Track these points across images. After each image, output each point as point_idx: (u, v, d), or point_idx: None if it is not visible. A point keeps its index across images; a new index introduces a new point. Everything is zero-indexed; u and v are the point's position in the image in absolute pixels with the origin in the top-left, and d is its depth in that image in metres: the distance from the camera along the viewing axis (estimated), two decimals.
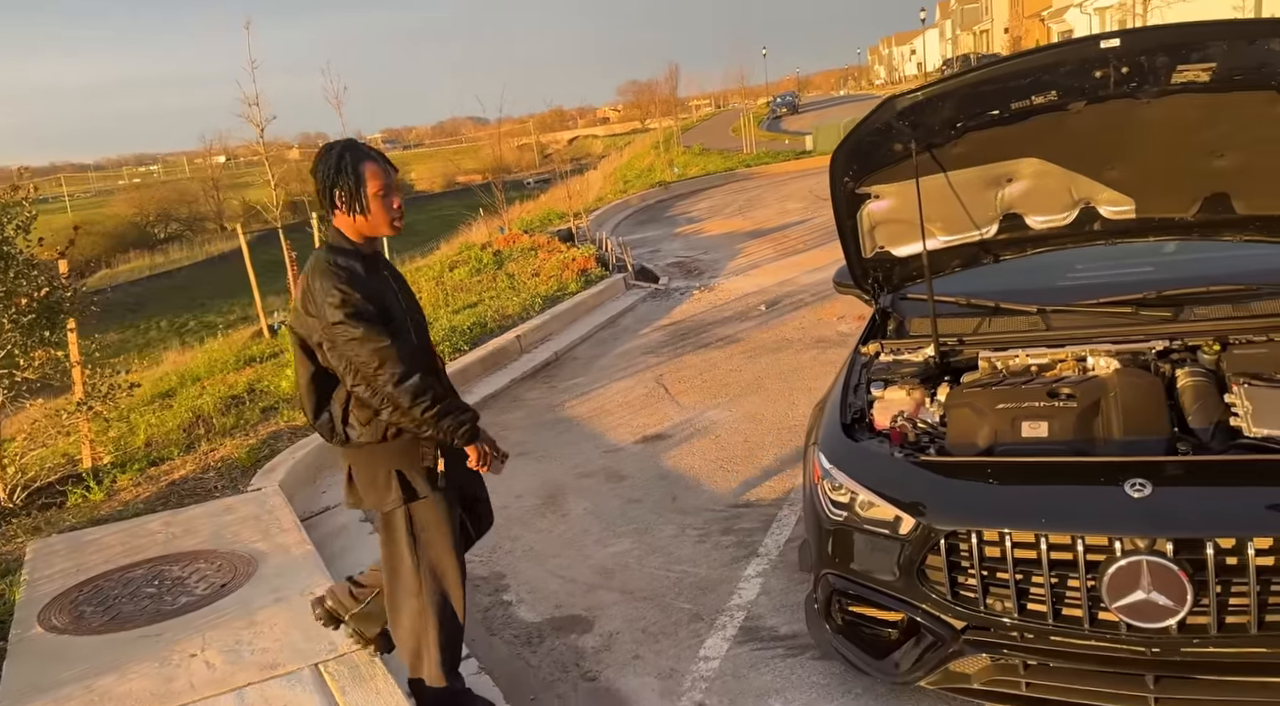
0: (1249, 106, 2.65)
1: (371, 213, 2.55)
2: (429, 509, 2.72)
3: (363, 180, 2.52)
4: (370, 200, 2.54)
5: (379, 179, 2.54)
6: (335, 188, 2.53)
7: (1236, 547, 2.20)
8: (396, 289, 2.71)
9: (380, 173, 2.55)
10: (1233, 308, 3.00)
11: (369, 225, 2.58)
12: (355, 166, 2.51)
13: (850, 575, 2.79)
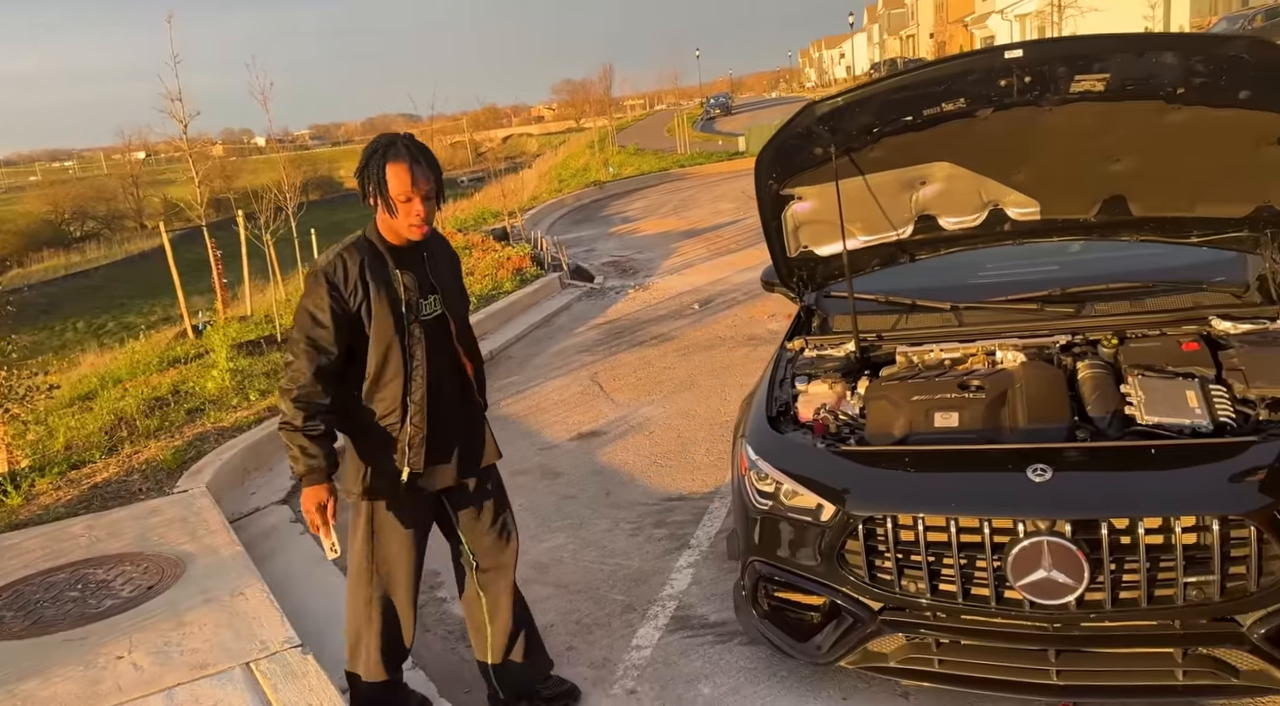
0: (1140, 115, 2.83)
1: (390, 214, 2.53)
2: (387, 513, 2.72)
3: (384, 181, 2.50)
4: (391, 201, 2.51)
5: (401, 182, 2.49)
6: (365, 185, 2.54)
7: (1129, 527, 2.36)
8: (411, 287, 2.61)
9: (404, 175, 2.48)
10: (1130, 304, 3.20)
11: (389, 225, 2.58)
12: (380, 166, 2.49)
13: (775, 562, 2.89)
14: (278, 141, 19.29)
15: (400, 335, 2.60)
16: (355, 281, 2.54)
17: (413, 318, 2.62)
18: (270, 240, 11.04)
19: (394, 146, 2.52)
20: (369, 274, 2.56)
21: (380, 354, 2.60)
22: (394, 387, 2.63)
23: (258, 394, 6.67)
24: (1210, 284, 3.22)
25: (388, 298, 2.57)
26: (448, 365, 2.73)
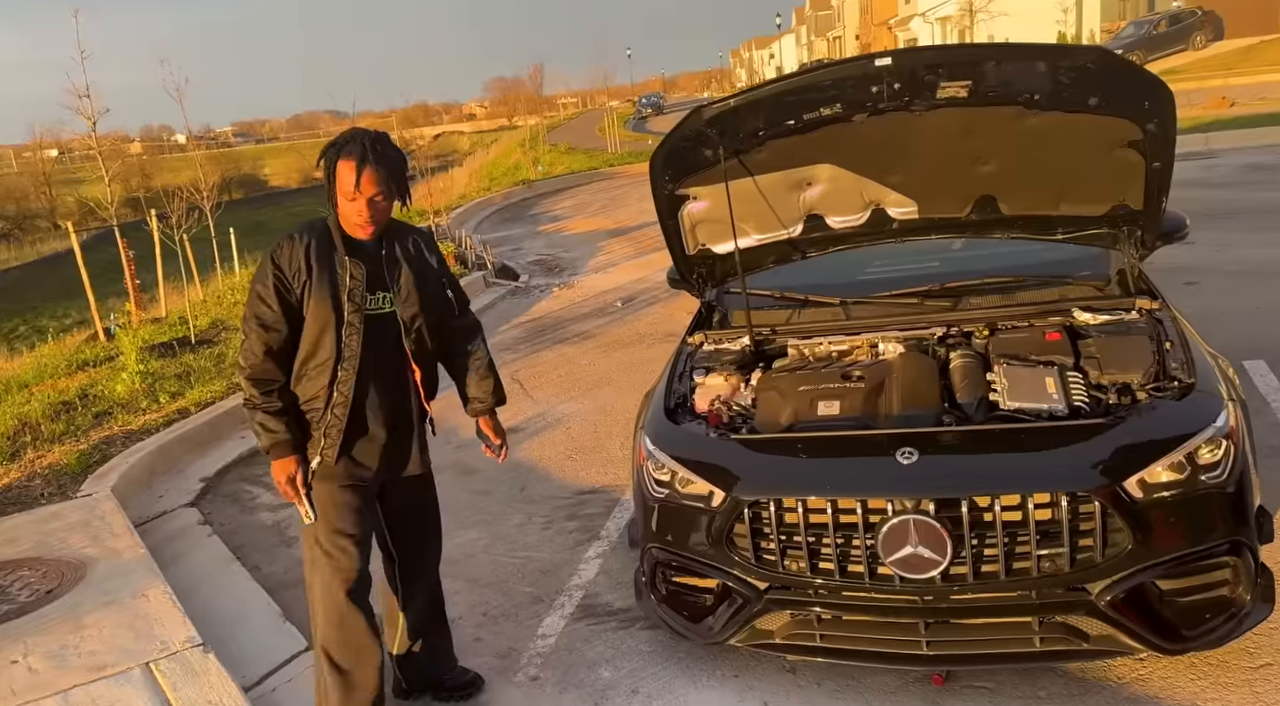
0: (1003, 119, 3.02)
1: (339, 209, 2.58)
2: (319, 493, 2.71)
3: (333, 175, 2.54)
4: (337, 197, 2.55)
5: (347, 180, 2.50)
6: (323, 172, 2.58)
7: (988, 505, 2.53)
8: (363, 278, 2.60)
9: (351, 174, 2.49)
10: (1002, 298, 3.40)
11: (343, 220, 2.61)
12: (333, 160, 2.54)
13: (671, 547, 3.01)
14: (199, 139, 18.79)
15: (337, 323, 2.59)
16: (300, 264, 2.56)
17: (354, 308, 2.59)
18: (186, 240, 10.80)
19: (352, 143, 2.53)
20: (314, 257, 2.58)
21: (313, 338, 2.60)
22: (322, 374, 2.63)
23: (168, 396, 6.56)
24: (1075, 278, 3.44)
25: (329, 283, 2.58)
26: (387, 364, 2.70)
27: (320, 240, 2.61)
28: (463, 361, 2.96)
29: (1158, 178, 3.03)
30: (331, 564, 2.68)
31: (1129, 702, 2.66)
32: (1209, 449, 2.57)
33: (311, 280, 2.57)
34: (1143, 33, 28.08)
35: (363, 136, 2.55)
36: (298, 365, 2.64)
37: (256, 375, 2.59)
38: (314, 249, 2.58)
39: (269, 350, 2.58)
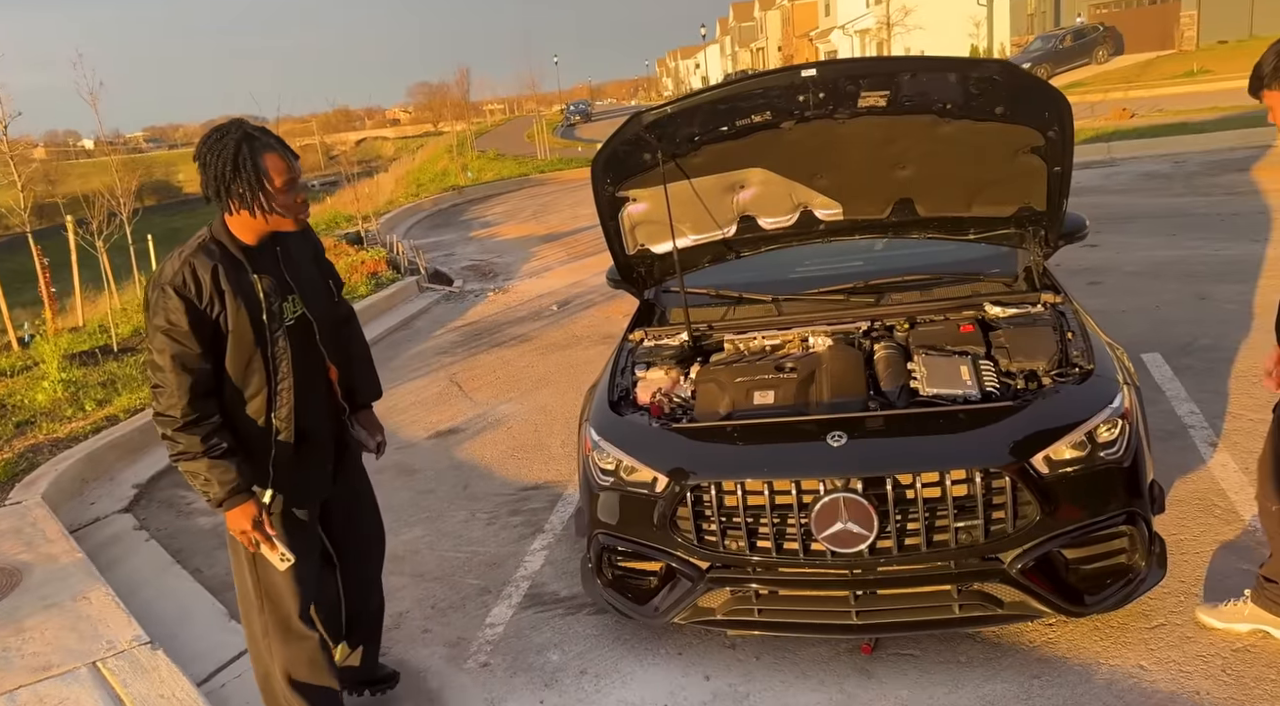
0: (918, 127, 3.26)
1: (275, 210, 2.34)
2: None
3: (265, 174, 2.29)
4: (275, 196, 2.32)
5: (283, 173, 2.32)
6: (232, 185, 2.29)
7: (910, 482, 2.74)
8: (269, 293, 2.40)
9: (283, 163, 2.32)
10: (921, 294, 3.64)
11: (270, 223, 2.37)
12: (255, 159, 2.28)
13: (617, 532, 3.14)
14: (109, 144, 18.12)
15: (263, 348, 2.38)
16: (210, 292, 2.31)
17: (276, 326, 2.40)
18: (103, 247, 10.51)
19: (249, 139, 2.30)
20: (225, 282, 2.32)
21: (240, 369, 2.38)
22: (257, 405, 2.42)
23: (94, 404, 6.43)
24: (986, 275, 3.70)
25: (247, 308, 2.34)
26: (312, 373, 2.52)
27: (224, 260, 2.34)
28: (345, 351, 2.75)
29: (1058, 181, 3.30)
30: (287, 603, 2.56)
31: (1040, 663, 2.89)
32: (1107, 428, 2.82)
33: (226, 308, 2.32)
34: (1049, 47, 29.38)
35: (247, 128, 2.33)
36: (227, 403, 2.39)
37: (190, 421, 2.30)
38: (221, 272, 2.32)
39: (195, 392, 2.30)
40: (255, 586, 2.57)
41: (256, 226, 2.38)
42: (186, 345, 2.30)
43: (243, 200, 2.31)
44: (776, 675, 2.99)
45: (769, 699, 2.89)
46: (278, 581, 2.56)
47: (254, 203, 2.31)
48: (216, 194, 2.34)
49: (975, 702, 2.76)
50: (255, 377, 2.40)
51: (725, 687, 2.97)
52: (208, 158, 2.32)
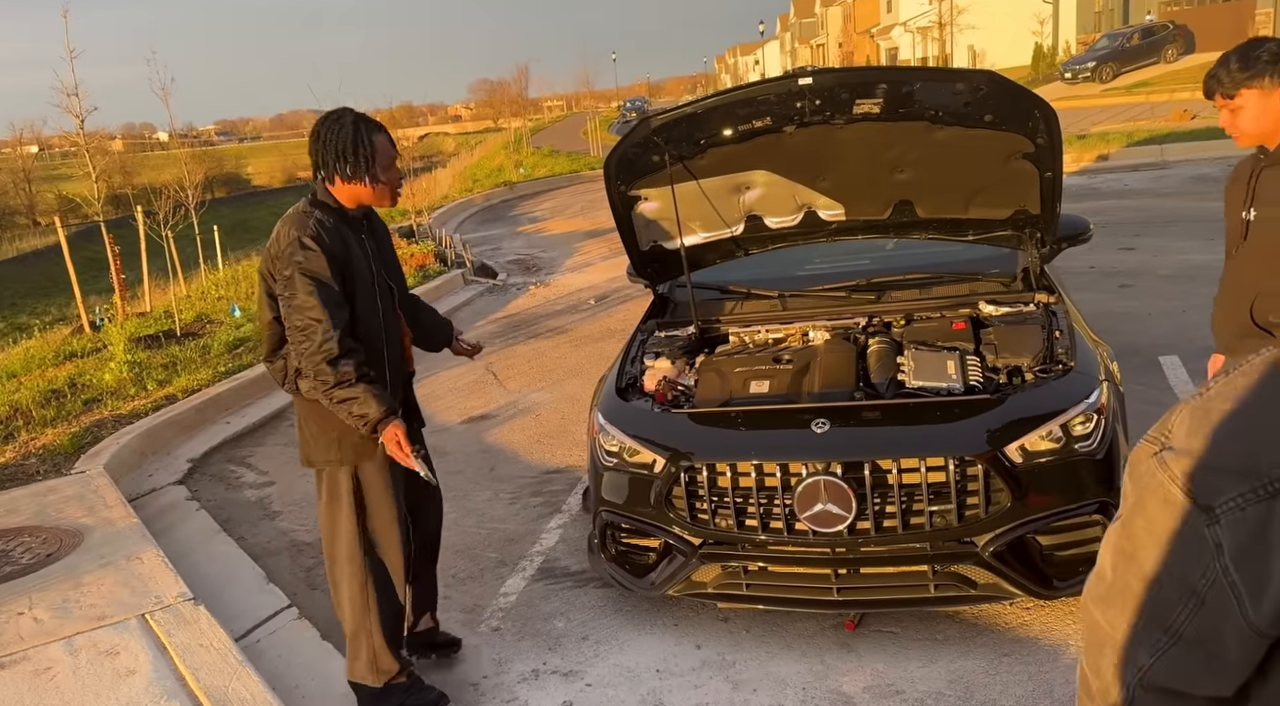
0: (914, 132, 3.40)
1: (380, 183, 2.69)
2: (375, 473, 2.75)
3: (375, 151, 2.65)
4: (380, 172, 2.68)
5: (388, 152, 2.69)
6: (345, 157, 2.63)
7: (889, 468, 2.91)
8: (374, 251, 2.77)
9: (389, 145, 2.71)
10: (919, 292, 3.79)
11: (372, 195, 2.71)
12: (369, 138, 2.64)
13: (619, 510, 3.36)
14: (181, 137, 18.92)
15: (375, 294, 2.73)
16: (336, 242, 2.62)
17: (380, 278, 2.76)
18: (171, 237, 11.06)
19: (364, 120, 2.67)
20: (345, 235, 2.67)
21: (360, 308, 2.68)
22: (373, 342, 2.70)
23: (155, 384, 6.85)
24: (985, 275, 3.83)
25: (362, 255, 2.70)
26: (397, 328, 2.86)
27: (338, 219, 2.68)
28: (415, 317, 3.12)
29: (1050, 186, 3.42)
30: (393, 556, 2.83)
31: (1012, 643, 3.04)
32: (1082, 421, 2.95)
33: (351, 257, 2.66)
34: (1116, 45, 28.74)
35: (362, 116, 2.69)
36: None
37: (344, 353, 2.56)
38: (339, 229, 2.66)
39: (343, 329, 2.58)
40: (358, 537, 2.77)
41: (360, 196, 2.72)
42: (331, 287, 2.58)
43: (356, 171, 2.66)
44: (763, 646, 3.18)
45: (753, 666, 3.09)
46: (385, 525, 2.79)
47: (366, 173, 2.66)
48: (332, 167, 2.67)
49: (946, 676, 2.92)
50: (370, 317, 2.71)
51: (714, 656, 3.17)
52: (325, 135, 2.66)
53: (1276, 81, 2.49)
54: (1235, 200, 2.74)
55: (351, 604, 2.83)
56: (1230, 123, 2.61)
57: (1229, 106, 2.58)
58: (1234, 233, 2.76)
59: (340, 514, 2.78)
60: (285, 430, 6.28)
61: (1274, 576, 0.80)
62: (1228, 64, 2.56)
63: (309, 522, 4.74)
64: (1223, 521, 0.82)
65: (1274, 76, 2.49)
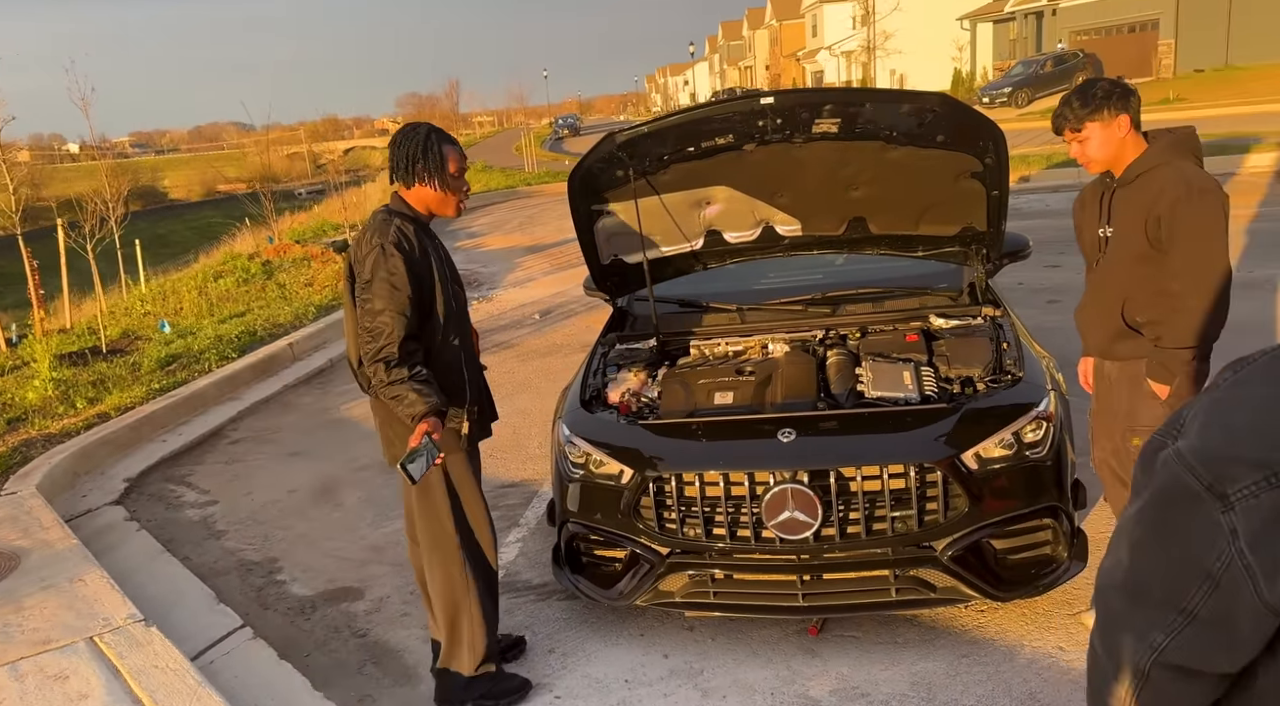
0: (869, 151, 3.53)
1: (449, 190, 2.87)
2: (461, 465, 2.96)
3: (446, 160, 2.83)
4: (449, 179, 2.86)
5: (457, 162, 2.87)
6: (419, 163, 2.83)
7: (852, 475, 3.00)
8: (443, 257, 2.94)
9: (459, 155, 2.88)
10: (872, 305, 3.92)
11: (440, 202, 2.89)
12: (440, 147, 2.83)
13: (586, 521, 3.38)
14: (96, 148, 18.23)
15: (453, 296, 2.90)
16: (418, 248, 2.80)
17: (457, 284, 2.96)
18: (93, 251, 10.68)
19: (438, 131, 2.88)
20: (425, 241, 2.85)
21: (443, 312, 2.86)
22: (455, 344, 2.91)
23: (85, 402, 6.61)
24: (934, 289, 3.99)
25: (439, 262, 2.87)
26: (469, 326, 3.04)
27: (416, 226, 2.86)
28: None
29: (997, 204, 3.58)
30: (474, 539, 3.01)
31: (969, 644, 3.15)
32: (1032, 429, 3.09)
33: (431, 261, 2.83)
34: (1030, 72, 29.98)
35: (437, 129, 2.91)
36: (436, 339, 2.86)
37: (402, 354, 2.72)
38: (418, 234, 2.83)
39: (406, 333, 2.74)
40: (453, 526, 2.95)
41: (431, 202, 2.90)
42: (401, 290, 2.74)
43: (428, 175, 2.85)
44: (730, 654, 3.23)
45: (721, 674, 3.13)
46: (476, 514, 2.99)
47: (435, 178, 2.85)
48: (406, 170, 2.87)
49: (908, 678, 3.01)
50: (453, 320, 2.90)
51: (682, 665, 3.21)
52: (403, 141, 2.88)
53: (1113, 114, 2.81)
54: (1089, 219, 3.06)
55: (452, 587, 2.99)
56: (1080, 153, 2.91)
57: (1077, 139, 2.89)
58: (1092, 247, 3.07)
59: (435, 504, 2.94)
60: (225, 448, 6.13)
61: None
62: (1070, 103, 2.87)
63: (256, 541, 4.64)
64: (1237, 508, 0.89)
65: (1110, 110, 2.80)
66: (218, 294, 10.99)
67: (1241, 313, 2.97)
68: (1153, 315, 2.89)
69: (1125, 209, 2.88)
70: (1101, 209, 2.98)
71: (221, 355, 7.75)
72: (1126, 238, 2.89)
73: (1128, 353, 2.99)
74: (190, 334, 8.74)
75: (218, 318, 9.56)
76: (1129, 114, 2.82)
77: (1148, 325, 2.91)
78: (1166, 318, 2.84)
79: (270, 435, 6.34)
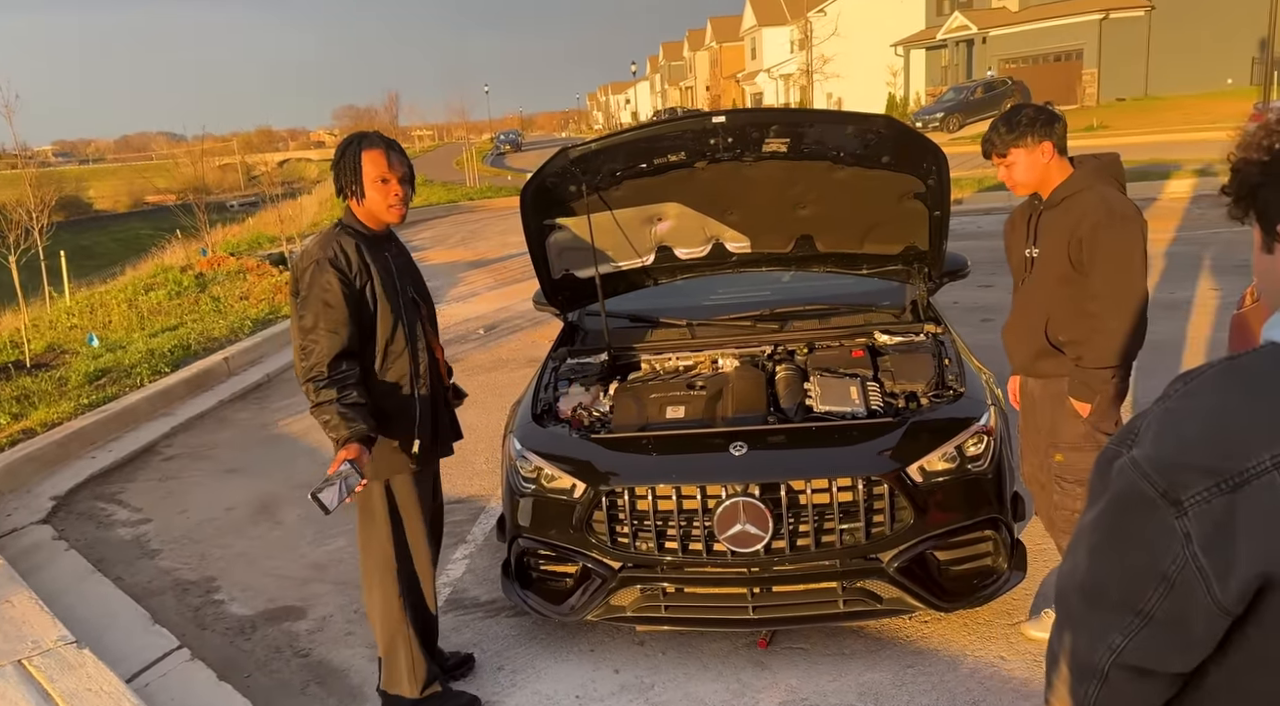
0: (817, 171, 3.62)
1: (367, 198, 2.76)
2: (408, 486, 2.89)
3: (360, 167, 2.73)
4: (366, 186, 2.74)
5: (377, 166, 2.74)
6: (337, 173, 2.77)
7: (802, 489, 3.05)
8: (396, 270, 2.84)
9: (379, 160, 2.74)
10: (819, 322, 4.00)
11: (366, 210, 2.78)
12: (356, 154, 2.74)
13: (537, 536, 3.37)
14: (16, 157, 17.58)
15: (401, 311, 2.81)
16: (358, 265, 2.72)
17: (408, 296, 2.85)
18: (15, 262, 10.28)
19: (367, 137, 2.80)
20: (367, 255, 2.75)
21: (388, 329, 2.78)
22: (403, 361, 2.82)
23: (8, 417, 6.35)
24: (879, 306, 4.09)
25: (383, 281, 2.77)
26: (427, 341, 2.94)
27: (362, 240, 2.77)
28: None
29: (938, 224, 3.70)
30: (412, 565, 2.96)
31: (914, 655, 3.22)
32: (974, 443, 3.19)
33: (372, 277, 2.74)
34: (961, 98, 30.94)
35: (366, 135, 2.82)
36: (379, 359, 2.79)
37: (331, 376, 2.65)
38: (363, 249, 2.75)
39: (338, 351, 2.67)
40: (392, 548, 2.90)
41: (368, 214, 2.80)
42: (335, 308, 2.67)
43: (350, 187, 2.78)
44: (680, 668, 3.25)
45: (672, 689, 3.14)
46: (417, 536, 2.94)
47: (356, 186, 2.76)
48: (337, 185, 2.82)
49: (856, 689, 3.06)
50: (399, 337, 2.80)
51: (633, 680, 3.21)
52: (335, 156, 2.82)
53: (1037, 141, 2.92)
54: (1017, 240, 3.16)
55: (388, 614, 2.93)
56: (1007, 177, 3.02)
57: (1004, 163, 3.00)
58: (1019, 267, 3.17)
59: (375, 526, 2.89)
60: (158, 465, 5.94)
61: (1239, 560, 0.92)
62: (997, 129, 2.98)
63: (193, 560, 4.51)
64: (1190, 514, 0.95)
65: (1034, 137, 2.91)
66: (149, 307, 10.67)
67: (1161, 332, 3.12)
68: (1074, 335, 2.97)
69: (1050, 231, 2.97)
70: (1029, 230, 3.07)
71: (154, 369, 7.52)
72: (1050, 259, 2.98)
73: (1050, 370, 3.07)
74: (120, 348, 8.47)
75: (149, 331, 9.28)
76: (1052, 140, 2.92)
77: (1069, 344, 2.99)
78: (1087, 337, 2.92)
79: (206, 451, 6.17)
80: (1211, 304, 7.44)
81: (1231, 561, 0.93)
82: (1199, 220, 11.36)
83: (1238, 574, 0.92)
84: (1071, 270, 2.92)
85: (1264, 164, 1.00)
